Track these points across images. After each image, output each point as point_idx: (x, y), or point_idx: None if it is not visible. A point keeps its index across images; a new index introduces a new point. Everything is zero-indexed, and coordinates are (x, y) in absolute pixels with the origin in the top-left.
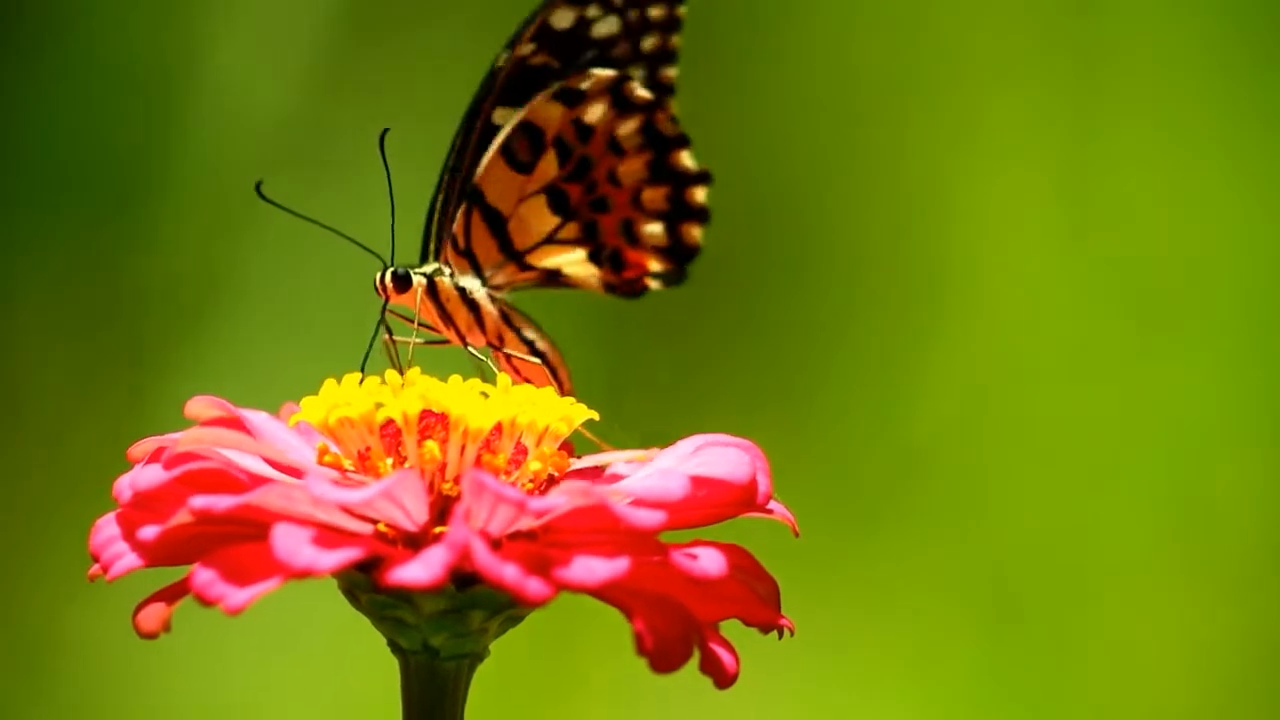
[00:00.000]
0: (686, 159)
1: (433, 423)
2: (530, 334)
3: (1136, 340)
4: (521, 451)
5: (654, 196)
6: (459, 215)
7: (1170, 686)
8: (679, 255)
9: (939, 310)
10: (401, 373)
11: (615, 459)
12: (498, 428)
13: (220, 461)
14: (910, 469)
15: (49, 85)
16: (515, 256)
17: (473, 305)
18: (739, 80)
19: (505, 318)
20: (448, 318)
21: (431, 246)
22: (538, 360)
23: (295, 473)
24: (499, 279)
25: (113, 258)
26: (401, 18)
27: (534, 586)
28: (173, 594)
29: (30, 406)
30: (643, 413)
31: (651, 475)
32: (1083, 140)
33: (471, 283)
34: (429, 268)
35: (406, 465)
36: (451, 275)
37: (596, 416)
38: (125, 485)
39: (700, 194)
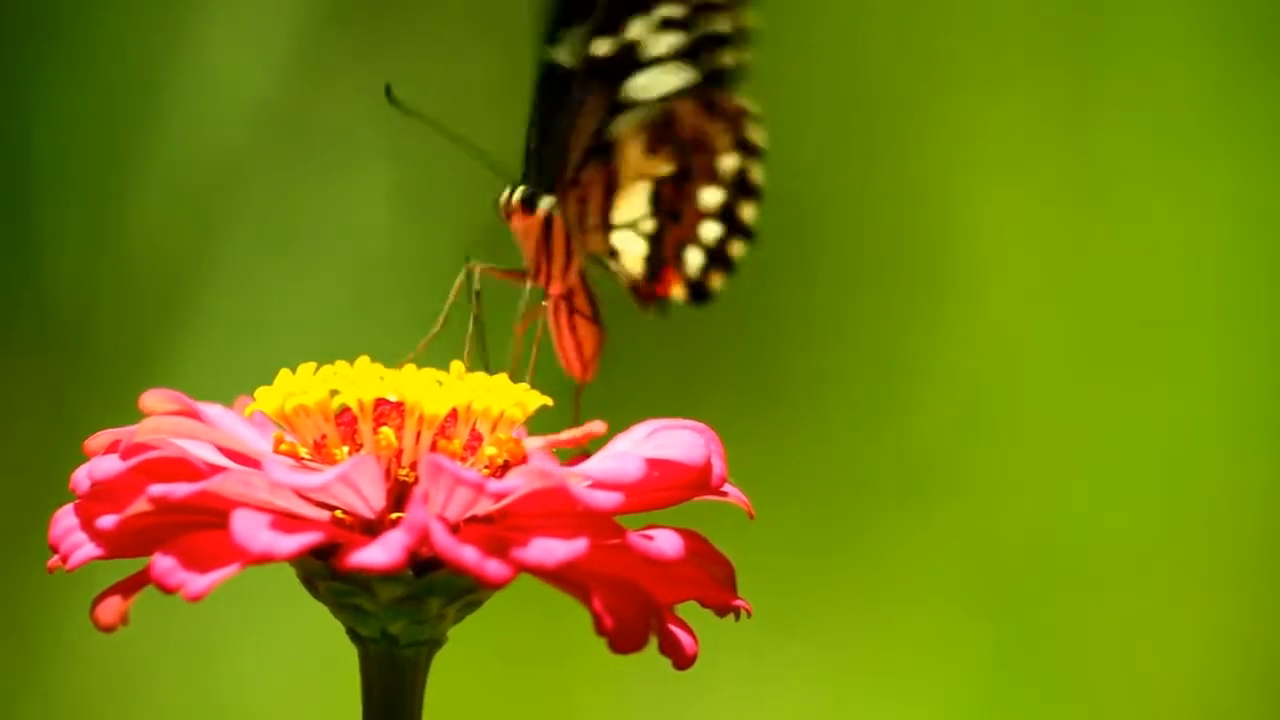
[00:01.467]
0: (750, 212)
1: (388, 410)
2: (596, 298)
3: (1135, 339)
4: (477, 438)
5: (709, 232)
6: (590, 164)
7: (1166, 684)
8: (698, 294)
9: (938, 307)
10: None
11: (558, 437)
12: (453, 414)
13: (177, 451)
14: (907, 466)
15: (14, 84)
16: (607, 226)
17: (569, 252)
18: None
19: (582, 275)
20: (548, 255)
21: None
22: (595, 325)
23: (252, 462)
24: (588, 239)
25: (88, 248)
26: (378, 9)
27: (493, 568)
28: (129, 586)
29: (21, 408)
30: (631, 406)
31: (607, 458)
32: (1084, 140)
33: (575, 230)
34: (549, 201)
35: (363, 452)
36: (564, 217)
37: (550, 403)
38: (83, 476)
39: (739, 248)
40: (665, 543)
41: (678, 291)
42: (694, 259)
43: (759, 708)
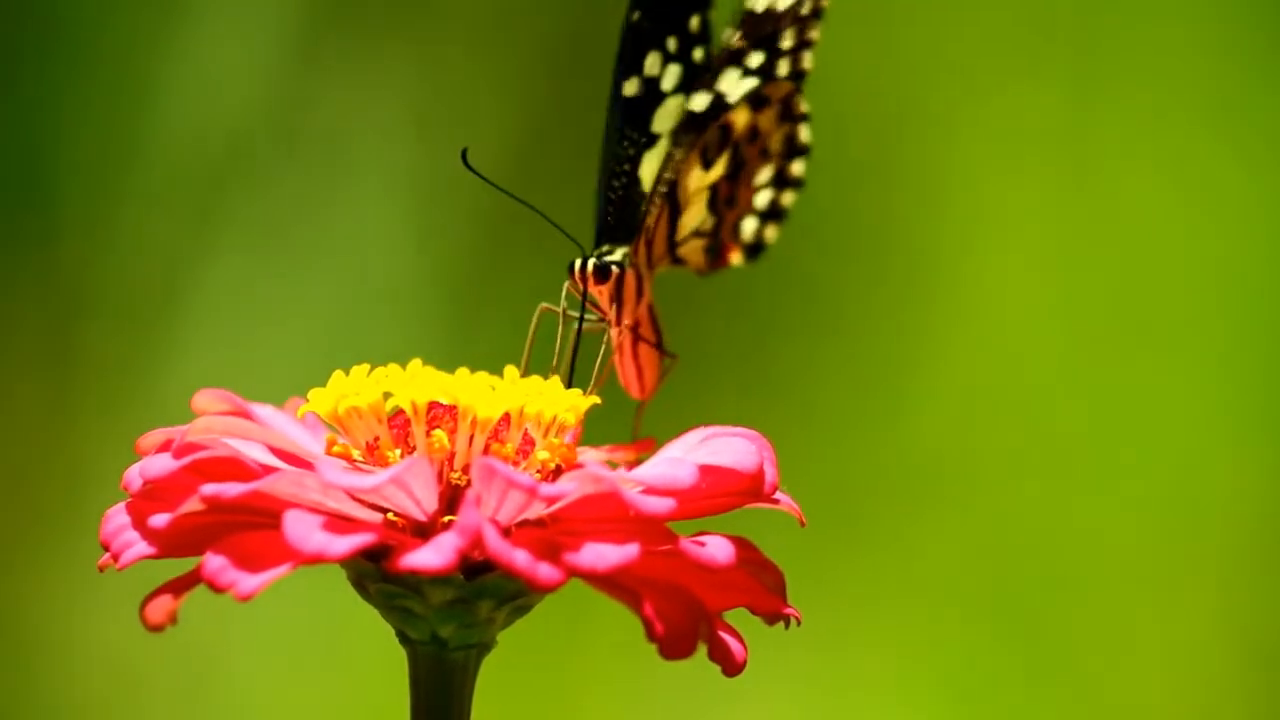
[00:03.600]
0: (800, 168)
1: (441, 413)
2: (660, 326)
3: (1135, 338)
4: (529, 442)
5: (763, 199)
6: (657, 208)
7: (1164, 684)
8: (754, 253)
9: (936, 308)
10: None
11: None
12: (505, 418)
13: (229, 451)
14: (906, 466)
15: (20, 76)
16: (673, 247)
17: (640, 293)
18: None
19: (651, 307)
20: (619, 304)
21: (603, 228)
22: (658, 352)
23: (304, 463)
24: (656, 266)
25: (82, 252)
26: (361, 18)
27: (545, 571)
28: (179, 586)
29: (22, 404)
30: (626, 407)
31: (660, 464)
32: (1080, 140)
33: (645, 270)
34: (619, 254)
35: (415, 454)
36: (634, 264)
37: (599, 400)
38: (135, 475)
39: (791, 198)
40: (717, 550)
41: (736, 259)
42: (749, 226)
43: (756, 707)
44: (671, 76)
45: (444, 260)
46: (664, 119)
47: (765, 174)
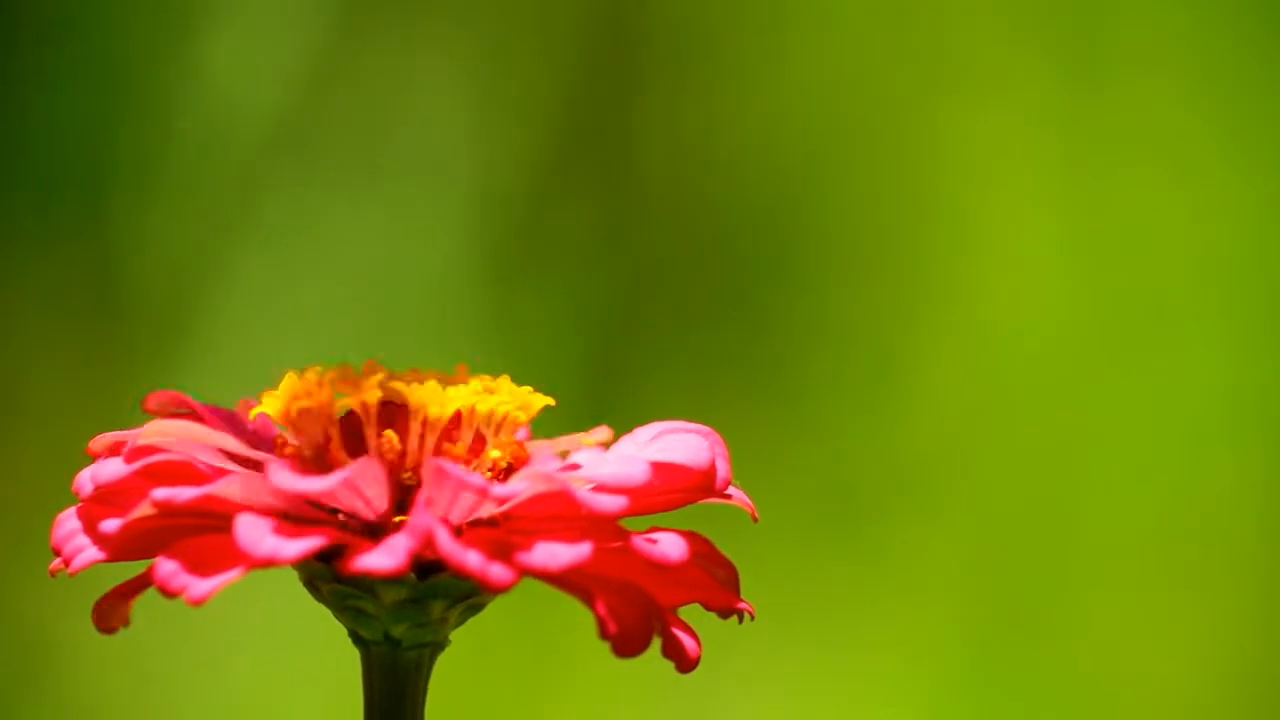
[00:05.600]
0: None
1: (392, 413)
2: None
3: (1134, 337)
4: (480, 441)
5: None
6: None
7: (1160, 684)
8: None
9: (930, 307)
10: None
11: (564, 444)
12: (456, 416)
13: (181, 454)
14: (904, 465)
15: (41, 84)
16: None
17: None
18: (728, 76)
19: None
20: None
21: None
22: None
23: (256, 465)
24: None
25: (106, 255)
26: (393, 15)
27: (497, 572)
28: (131, 588)
29: (27, 405)
30: (624, 405)
31: (612, 462)
32: (1081, 136)
33: None
34: None
35: (367, 456)
36: None
37: (553, 403)
38: (86, 479)
39: None
40: (669, 547)
41: None
42: None
43: (754, 709)
44: None
45: (478, 260)
46: None
47: None
